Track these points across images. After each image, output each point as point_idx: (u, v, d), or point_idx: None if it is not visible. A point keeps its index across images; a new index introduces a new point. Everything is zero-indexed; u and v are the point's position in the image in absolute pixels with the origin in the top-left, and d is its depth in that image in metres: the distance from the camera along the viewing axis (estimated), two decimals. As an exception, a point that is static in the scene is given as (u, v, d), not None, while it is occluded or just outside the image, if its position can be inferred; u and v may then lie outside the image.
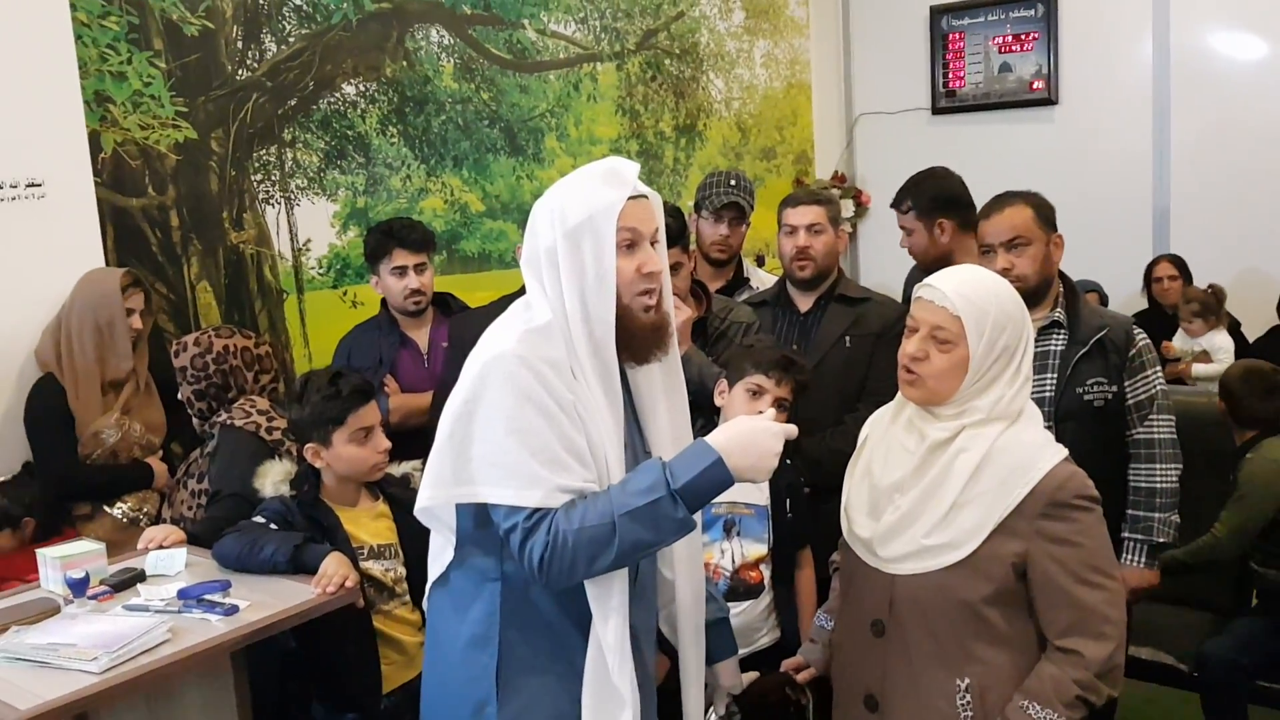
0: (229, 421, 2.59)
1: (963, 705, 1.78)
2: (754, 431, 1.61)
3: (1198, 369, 4.57)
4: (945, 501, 1.77)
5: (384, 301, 3.24)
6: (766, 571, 2.45)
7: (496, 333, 1.69)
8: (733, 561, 2.42)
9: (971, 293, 1.79)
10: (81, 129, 3.04)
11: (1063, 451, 1.82)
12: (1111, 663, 1.75)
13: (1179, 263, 4.99)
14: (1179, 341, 4.75)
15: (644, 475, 1.59)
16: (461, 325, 3.07)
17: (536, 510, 1.57)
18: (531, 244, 1.70)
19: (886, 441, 1.92)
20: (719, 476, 1.58)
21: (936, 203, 3.16)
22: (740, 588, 2.42)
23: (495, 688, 1.67)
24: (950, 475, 1.78)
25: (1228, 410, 3.11)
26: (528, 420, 1.58)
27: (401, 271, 3.13)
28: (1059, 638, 1.77)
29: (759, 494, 2.44)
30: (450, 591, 1.76)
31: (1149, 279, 5.06)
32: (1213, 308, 4.67)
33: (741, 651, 2.39)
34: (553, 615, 1.69)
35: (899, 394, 1.91)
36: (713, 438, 1.60)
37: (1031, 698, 1.75)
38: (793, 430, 1.64)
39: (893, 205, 3.27)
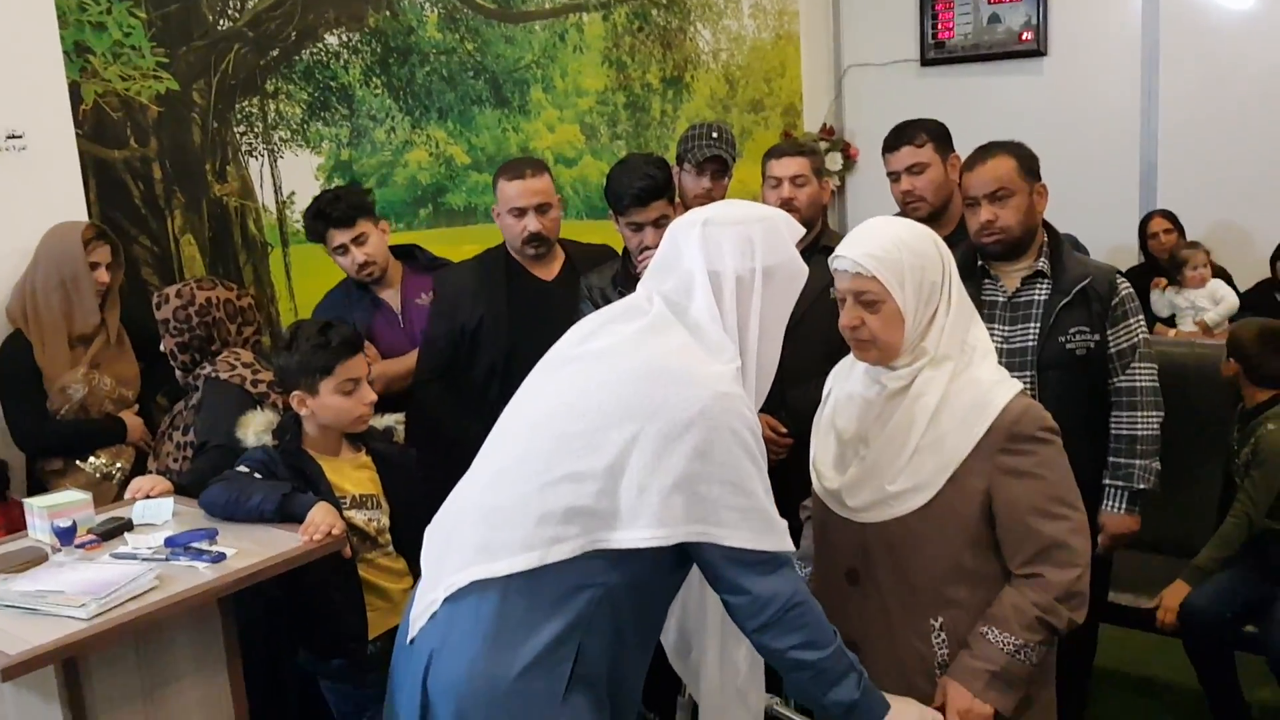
0: (213, 374, 2.59)
1: (938, 644, 1.83)
2: (921, 715, 1.75)
3: (1209, 317, 4.55)
4: (908, 447, 1.80)
5: None
6: None
7: (699, 364, 1.63)
8: None
9: (879, 249, 1.80)
10: (62, 80, 3.01)
11: (1017, 386, 1.83)
12: (1074, 588, 1.78)
13: (1171, 217, 4.98)
14: (1166, 299, 4.74)
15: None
16: (444, 281, 3.06)
17: (772, 554, 1.61)
18: (713, 261, 1.68)
19: (848, 393, 1.94)
20: (876, 715, 1.70)
21: (946, 138, 3.10)
22: None
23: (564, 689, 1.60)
24: (911, 421, 1.81)
25: (1242, 370, 3.04)
26: (758, 466, 1.61)
27: (342, 250, 3.06)
28: (1021, 568, 1.80)
29: None
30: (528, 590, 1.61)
31: (1144, 234, 5.06)
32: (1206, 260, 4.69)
33: None
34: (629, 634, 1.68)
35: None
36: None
37: (992, 623, 1.79)
38: None
39: (902, 143, 3.07)
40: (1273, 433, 2.93)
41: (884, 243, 1.81)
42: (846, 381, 1.97)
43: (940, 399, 1.79)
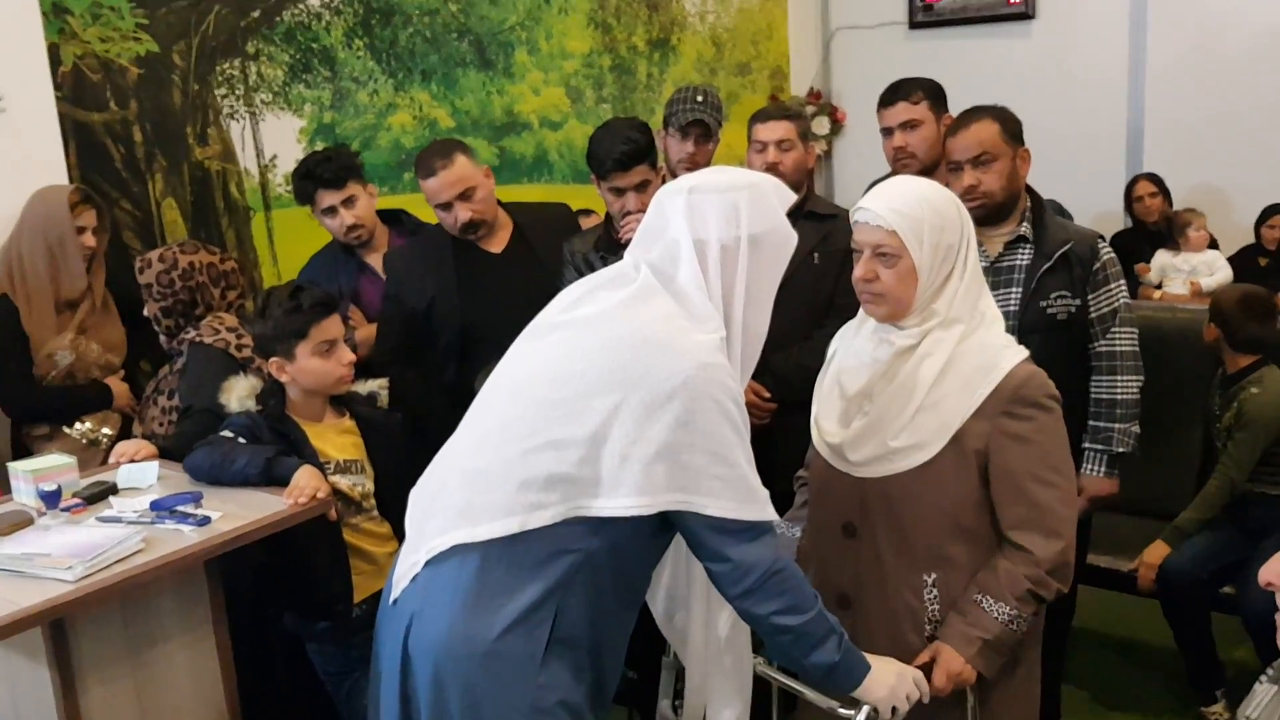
0: (198, 339, 2.59)
1: (929, 599, 1.86)
2: (900, 675, 1.74)
3: (1206, 282, 4.56)
4: (912, 405, 1.82)
5: None
6: None
7: (682, 334, 1.62)
8: None
9: (902, 205, 1.81)
10: (40, 41, 2.98)
11: (1023, 352, 1.86)
12: (1062, 559, 1.82)
13: (1157, 180, 4.99)
14: (1159, 265, 4.75)
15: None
16: (392, 264, 3.01)
17: (753, 523, 1.61)
18: (698, 229, 1.66)
19: (855, 353, 1.95)
20: (856, 676, 1.70)
21: (941, 97, 3.09)
22: None
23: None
24: (917, 380, 1.82)
25: (1223, 336, 3.06)
26: (740, 436, 1.61)
27: (331, 211, 3.04)
28: (1011, 529, 1.83)
29: None
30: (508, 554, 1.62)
31: (1129, 198, 5.07)
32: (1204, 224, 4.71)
33: None
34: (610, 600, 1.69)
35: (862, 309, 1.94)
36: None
37: (985, 591, 1.82)
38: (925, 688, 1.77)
39: (897, 99, 3.04)
40: (1255, 396, 2.97)
41: (908, 199, 1.82)
42: (854, 340, 1.98)
43: (947, 360, 1.81)
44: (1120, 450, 2.67)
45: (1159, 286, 4.72)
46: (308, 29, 3.67)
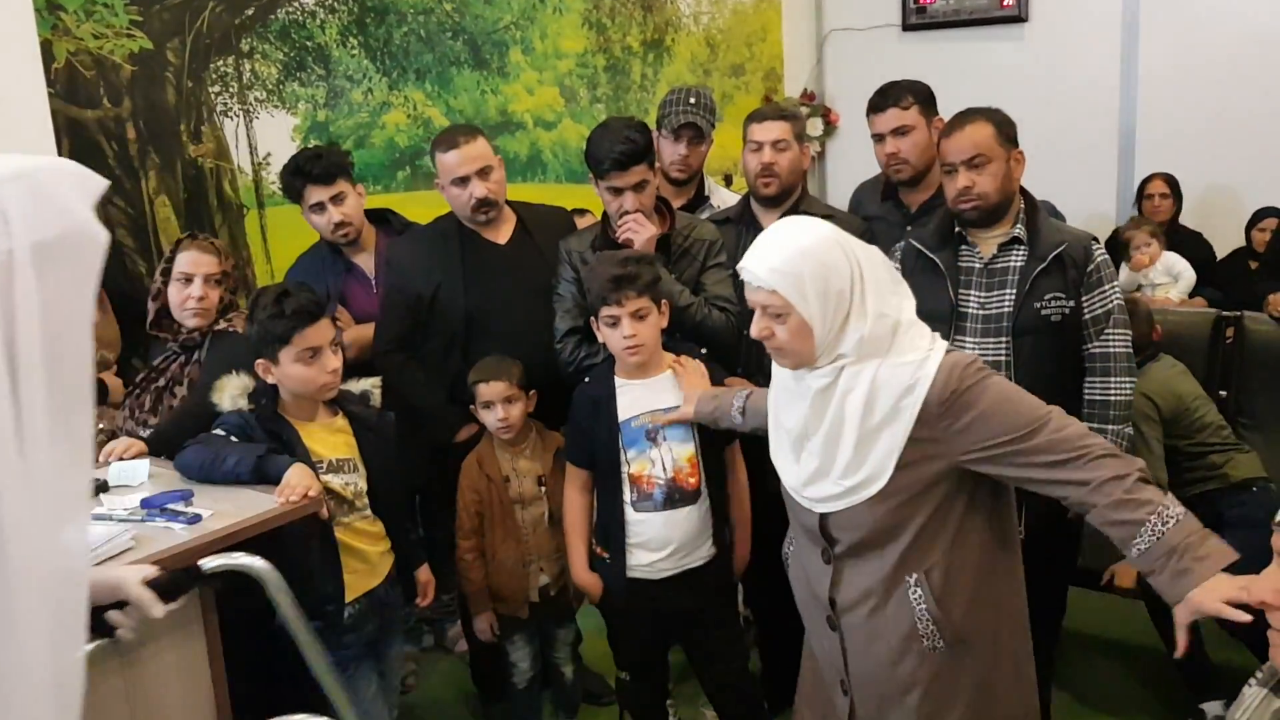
0: (228, 328, 2.59)
1: (915, 599, 1.84)
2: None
3: (1172, 294, 4.48)
4: (849, 442, 1.80)
5: None
6: (700, 475, 2.45)
7: None
8: (665, 469, 2.44)
9: (779, 262, 1.79)
10: (33, 38, 2.96)
11: (939, 353, 1.80)
12: (1134, 465, 1.72)
13: (1172, 183, 4.93)
14: (1124, 278, 4.62)
15: None
16: (397, 252, 3.02)
17: None
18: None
19: (784, 385, 1.95)
20: None
21: (931, 100, 3.08)
22: (677, 494, 2.44)
23: None
24: (844, 416, 1.81)
25: None
26: None
27: (320, 208, 3.04)
28: (1079, 480, 1.72)
29: (675, 397, 2.45)
30: None
31: (1140, 195, 5.01)
32: (1157, 232, 4.62)
33: (681, 567, 2.45)
34: None
35: None
36: None
37: (1158, 503, 1.66)
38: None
39: (887, 105, 3.03)
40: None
41: (786, 255, 1.79)
42: (782, 370, 1.96)
43: (869, 391, 1.78)
44: (1113, 452, 2.67)
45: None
46: (302, 27, 3.66)
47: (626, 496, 2.44)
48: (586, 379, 2.57)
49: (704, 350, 2.59)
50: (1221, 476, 3.01)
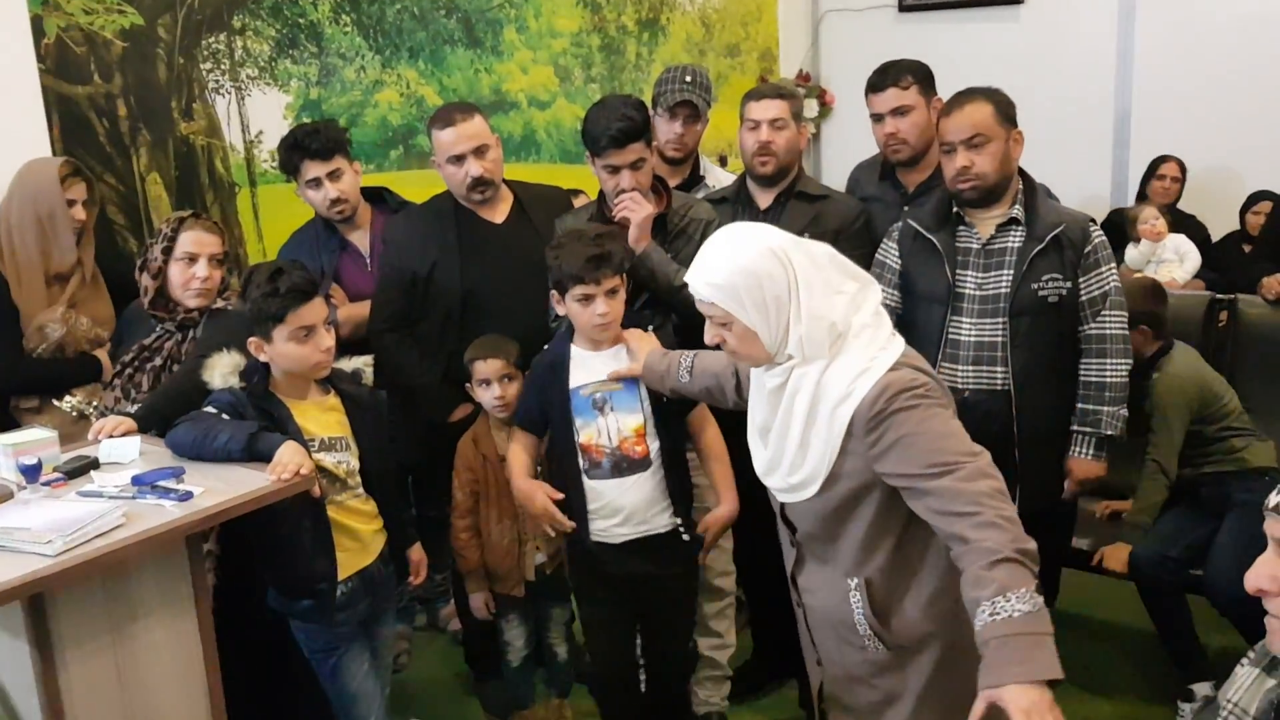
0: (226, 306, 2.58)
1: (855, 603, 1.88)
2: None
3: (1177, 274, 4.49)
4: (794, 441, 1.85)
5: None
6: (653, 445, 2.45)
7: None
8: (610, 439, 2.43)
9: (714, 276, 1.83)
10: (24, 13, 2.93)
11: (882, 369, 1.77)
12: (1016, 542, 1.62)
13: (1183, 166, 4.91)
14: (1131, 256, 4.66)
15: None
16: (393, 229, 3.01)
17: None
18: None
19: (756, 377, 1.99)
20: None
21: (930, 80, 3.05)
22: (624, 463, 2.43)
23: None
24: (792, 417, 1.85)
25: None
26: None
27: (316, 184, 3.02)
28: (961, 536, 1.66)
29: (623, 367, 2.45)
30: None
31: (1149, 176, 4.97)
32: (1163, 213, 4.63)
33: (640, 533, 2.45)
34: None
35: None
36: None
37: (1000, 592, 1.58)
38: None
39: (886, 84, 2.99)
40: (1158, 380, 3.02)
41: (720, 268, 1.83)
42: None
43: (813, 396, 1.81)
44: (1109, 433, 2.67)
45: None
46: (294, 4, 3.63)
47: (580, 464, 2.45)
48: (545, 346, 2.57)
49: (652, 327, 2.58)
50: (1238, 460, 3.01)
